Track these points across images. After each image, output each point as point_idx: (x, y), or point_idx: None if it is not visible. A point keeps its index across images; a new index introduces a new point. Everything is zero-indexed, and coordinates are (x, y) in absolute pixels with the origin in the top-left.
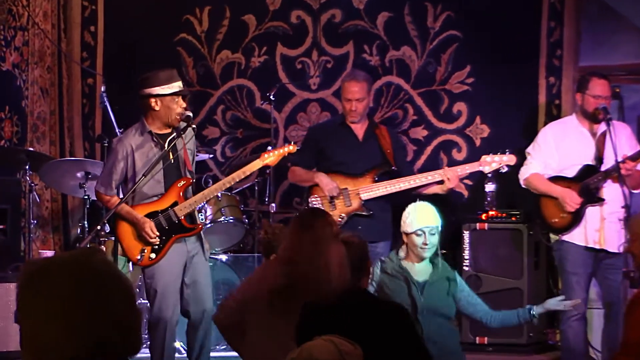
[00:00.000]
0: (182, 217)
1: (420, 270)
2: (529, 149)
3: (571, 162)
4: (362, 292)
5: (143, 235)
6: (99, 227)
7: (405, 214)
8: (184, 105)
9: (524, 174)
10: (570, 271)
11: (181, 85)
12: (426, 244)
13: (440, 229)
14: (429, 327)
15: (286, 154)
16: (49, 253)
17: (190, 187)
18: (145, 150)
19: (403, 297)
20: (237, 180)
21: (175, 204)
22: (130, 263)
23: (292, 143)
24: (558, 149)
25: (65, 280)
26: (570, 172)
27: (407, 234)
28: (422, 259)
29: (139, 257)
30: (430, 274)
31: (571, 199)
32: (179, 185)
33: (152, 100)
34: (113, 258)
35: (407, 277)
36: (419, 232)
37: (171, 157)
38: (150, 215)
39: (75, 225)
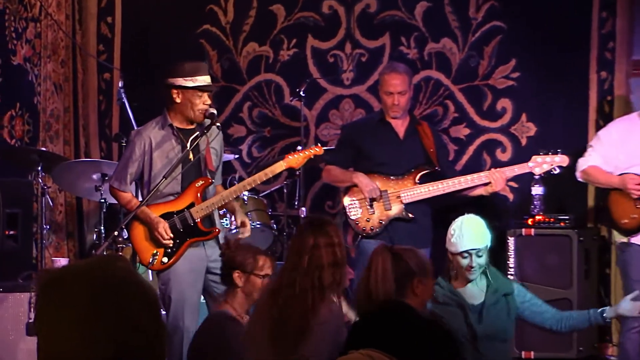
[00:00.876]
0: (199, 220)
1: (474, 292)
2: (592, 142)
3: (639, 160)
4: (404, 306)
5: (156, 237)
6: (116, 233)
7: (451, 231)
8: (208, 102)
9: (581, 165)
10: (635, 279)
11: (208, 81)
12: (472, 267)
13: (489, 245)
14: (488, 354)
15: (312, 157)
16: (63, 261)
17: (209, 189)
18: (165, 146)
19: (458, 325)
20: (259, 182)
21: (192, 205)
22: (150, 272)
23: (319, 145)
24: (624, 146)
25: (82, 289)
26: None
27: (452, 254)
28: (469, 281)
29: (150, 261)
30: (485, 294)
31: (632, 180)
32: (197, 185)
33: (174, 91)
34: (132, 264)
35: (461, 303)
36: (465, 255)
37: (192, 156)
38: (164, 216)
39: (91, 231)
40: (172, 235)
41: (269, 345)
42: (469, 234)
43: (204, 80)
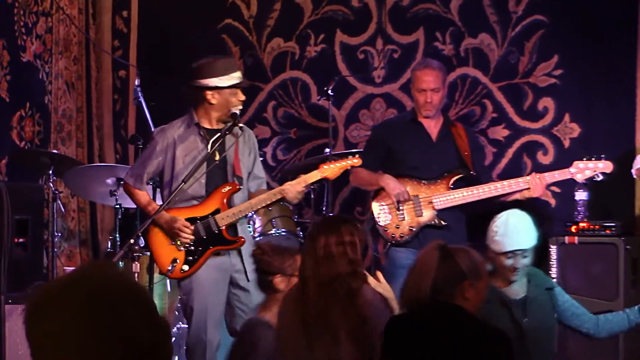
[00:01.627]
0: (224, 228)
1: (514, 287)
2: None
3: None
4: (455, 308)
5: (175, 234)
6: (132, 241)
7: (494, 228)
8: (243, 98)
9: (638, 162)
10: None
11: (241, 76)
12: (516, 269)
13: (535, 242)
14: (535, 350)
15: (349, 167)
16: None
17: (236, 195)
18: (190, 146)
19: (504, 323)
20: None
21: (217, 211)
22: (168, 281)
23: (357, 155)
24: None
25: (71, 300)
26: None
27: (495, 253)
28: (510, 282)
29: (169, 268)
30: (527, 287)
31: None
32: (223, 190)
33: (209, 93)
34: (148, 275)
35: (504, 300)
36: (510, 255)
37: (217, 156)
38: (187, 221)
39: (105, 239)
40: (192, 234)
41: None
42: (515, 232)
43: (238, 76)
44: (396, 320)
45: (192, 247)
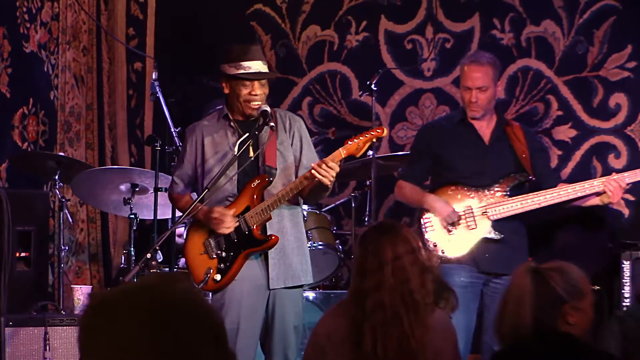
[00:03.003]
0: (254, 227)
1: None
2: None
3: None
4: (562, 336)
5: (214, 226)
6: (149, 255)
7: None
8: (257, 92)
9: None
10: None
11: (258, 67)
12: None
13: None
14: None
15: (374, 140)
16: (85, 289)
17: (270, 189)
18: (219, 141)
19: None
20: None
21: (247, 209)
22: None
23: (382, 126)
24: None
25: (134, 317)
26: None
27: None
28: None
29: (203, 279)
30: None
31: None
32: (252, 185)
33: (223, 81)
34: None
35: None
36: None
37: (252, 153)
38: None
39: (118, 253)
40: (231, 221)
41: None
42: None
43: (252, 66)
44: (500, 356)
45: (224, 254)
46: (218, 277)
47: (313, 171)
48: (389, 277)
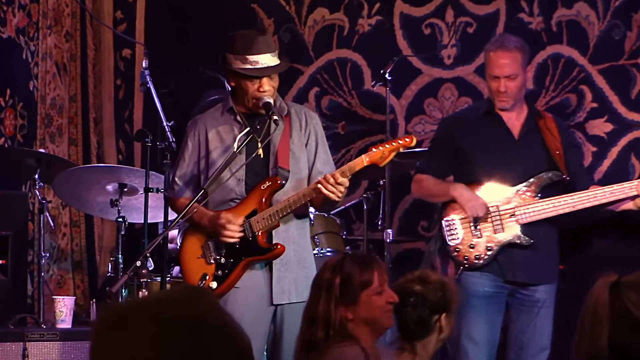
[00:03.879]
0: (259, 233)
1: None
2: None
3: None
4: None
5: (218, 233)
6: (138, 263)
7: None
8: (266, 88)
9: None
10: None
11: (267, 60)
12: None
13: None
14: None
15: (401, 149)
16: (68, 300)
17: (282, 193)
18: (222, 134)
19: None
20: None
21: (254, 213)
22: None
23: (411, 134)
24: None
25: (154, 334)
26: None
27: None
28: None
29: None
30: None
31: None
32: (262, 187)
33: (228, 73)
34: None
35: None
36: None
37: (261, 151)
38: None
39: (105, 260)
40: (238, 229)
41: None
42: None
43: (257, 60)
44: None
45: (223, 260)
46: (214, 284)
47: (320, 186)
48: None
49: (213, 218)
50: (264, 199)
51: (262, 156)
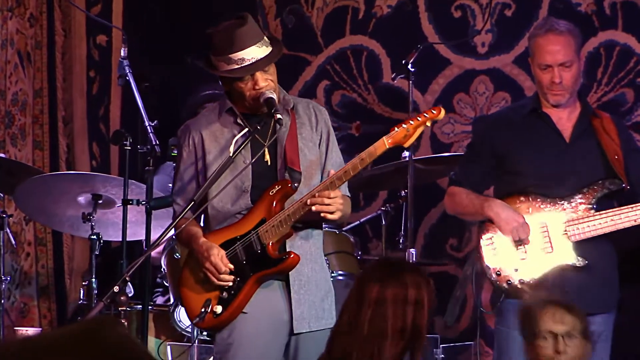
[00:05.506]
0: (270, 244)
1: None
2: None
3: None
4: None
5: (207, 271)
6: (116, 288)
7: None
8: (261, 84)
9: None
10: None
11: (253, 53)
12: None
13: None
14: None
15: (428, 122)
16: (32, 332)
17: (295, 198)
18: (221, 139)
19: None
20: (352, 175)
21: (262, 222)
22: (169, 349)
23: (439, 106)
24: None
25: None
26: None
27: None
28: None
29: (200, 314)
30: None
31: None
32: (271, 193)
33: (219, 77)
34: (140, 337)
35: None
36: None
37: (268, 157)
38: (226, 245)
39: (76, 285)
40: (231, 266)
41: None
42: None
43: (242, 56)
44: None
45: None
46: (219, 309)
47: (312, 204)
48: (364, 323)
49: (202, 252)
50: (273, 207)
51: (269, 163)
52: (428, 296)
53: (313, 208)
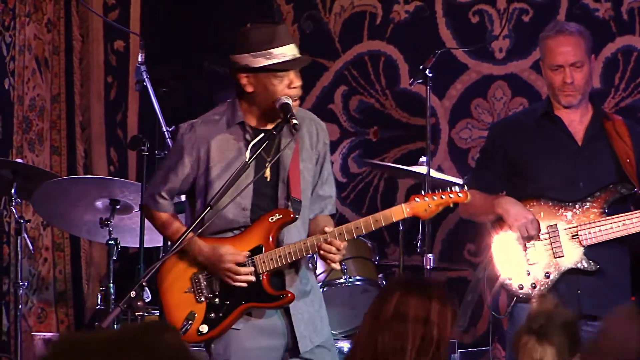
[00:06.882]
0: (265, 275)
1: None
2: None
3: None
4: None
5: (223, 276)
6: (133, 294)
7: None
8: (297, 84)
9: None
10: None
11: (293, 51)
12: None
13: None
14: None
15: (451, 204)
16: (50, 337)
17: (291, 228)
18: (229, 155)
19: None
20: (364, 232)
21: (258, 249)
22: None
23: (464, 189)
24: None
25: None
26: None
27: None
28: None
29: (182, 326)
30: None
31: None
32: (270, 220)
33: (243, 77)
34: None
35: None
36: None
37: (268, 172)
38: None
39: (94, 291)
40: (248, 272)
41: None
42: None
43: (283, 52)
44: None
45: (217, 300)
46: (204, 328)
47: (321, 248)
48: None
49: (214, 258)
50: (271, 236)
51: (268, 179)
52: (452, 313)
53: (321, 252)
